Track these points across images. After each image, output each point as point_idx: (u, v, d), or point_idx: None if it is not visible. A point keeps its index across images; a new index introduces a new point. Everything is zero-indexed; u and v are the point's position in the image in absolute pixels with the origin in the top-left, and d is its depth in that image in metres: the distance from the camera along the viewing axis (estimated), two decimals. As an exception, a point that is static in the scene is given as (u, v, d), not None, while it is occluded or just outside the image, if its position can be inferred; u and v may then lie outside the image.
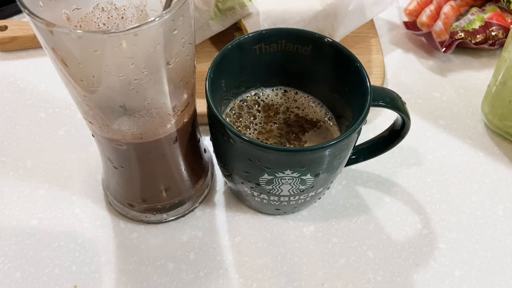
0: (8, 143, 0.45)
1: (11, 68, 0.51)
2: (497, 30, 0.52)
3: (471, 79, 0.52)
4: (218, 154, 0.37)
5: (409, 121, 0.36)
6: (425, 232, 0.40)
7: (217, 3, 0.45)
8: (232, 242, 0.39)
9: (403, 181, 0.43)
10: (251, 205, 0.40)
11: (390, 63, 0.53)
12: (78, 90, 0.27)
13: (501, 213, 0.42)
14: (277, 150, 0.31)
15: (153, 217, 0.39)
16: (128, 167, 0.35)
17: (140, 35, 0.23)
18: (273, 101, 0.40)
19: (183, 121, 0.33)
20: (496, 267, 0.38)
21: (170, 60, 0.26)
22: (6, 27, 0.51)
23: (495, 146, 0.46)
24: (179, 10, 0.24)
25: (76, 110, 0.47)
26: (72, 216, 0.40)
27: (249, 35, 0.36)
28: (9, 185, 0.42)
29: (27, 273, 0.37)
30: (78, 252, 0.38)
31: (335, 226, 0.40)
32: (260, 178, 0.33)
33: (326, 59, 0.37)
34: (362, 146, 0.40)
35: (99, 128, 0.30)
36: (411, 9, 0.56)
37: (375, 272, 0.38)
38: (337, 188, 0.43)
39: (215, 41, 0.51)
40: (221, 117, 0.31)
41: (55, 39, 0.23)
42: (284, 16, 0.45)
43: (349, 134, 0.31)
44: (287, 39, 0.37)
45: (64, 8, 0.28)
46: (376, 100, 0.34)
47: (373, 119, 0.48)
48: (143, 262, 0.38)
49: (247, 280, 0.37)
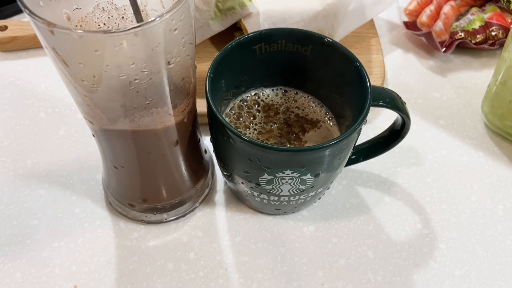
0: (8, 143, 0.44)
1: (11, 68, 0.51)
2: (497, 30, 0.52)
3: (471, 79, 0.52)
4: (218, 154, 0.37)
5: (409, 121, 0.36)
6: (425, 232, 0.40)
7: (217, 3, 0.45)
8: (232, 242, 0.39)
9: (403, 181, 0.43)
10: (251, 205, 0.40)
11: (390, 63, 0.53)
12: (79, 90, 0.27)
13: (501, 213, 0.42)
14: (277, 150, 0.31)
15: (153, 217, 0.39)
16: (128, 167, 0.35)
17: (140, 35, 0.23)
18: (273, 101, 0.40)
19: (184, 121, 0.33)
20: (496, 267, 0.39)
21: (170, 60, 0.26)
22: (6, 27, 0.51)
23: (495, 146, 0.46)
24: (179, 10, 0.24)
25: (76, 110, 0.47)
26: (72, 216, 0.40)
27: (249, 35, 0.36)
28: (9, 185, 0.42)
29: (27, 273, 0.37)
30: (78, 252, 0.38)
31: (335, 226, 0.40)
32: (260, 178, 0.33)
33: (326, 59, 0.37)
34: (362, 146, 0.40)
35: (100, 127, 0.30)
36: (411, 9, 0.56)
37: (375, 272, 0.38)
38: (337, 188, 0.43)
39: (215, 41, 0.51)
40: (221, 117, 0.31)
41: (56, 39, 0.23)
42: (284, 16, 0.45)
43: (349, 134, 0.31)
44: (287, 39, 0.37)
45: (64, 8, 0.28)
46: (376, 100, 0.34)
47: (373, 119, 0.48)
48: (143, 262, 0.38)
49: (247, 280, 0.37)
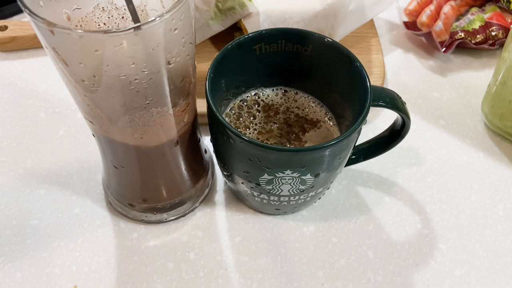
0: (8, 143, 0.44)
1: (11, 68, 0.51)
2: (497, 30, 0.52)
3: (471, 79, 0.52)
4: (218, 154, 0.37)
5: (409, 121, 0.36)
6: (425, 232, 0.40)
7: (217, 3, 0.45)
8: (232, 242, 0.39)
9: (403, 181, 0.43)
10: (251, 205, 0.40)
11: (390, 63, 0.53)
12: (79, 90, 0.27)
13: (501, 213, 0.42)
14: (277, 150, 0.31)
15: (153, 217, 0.39)
16: (128, 167, 0.35)
17: (140, 34, 0.23)
18: (273, 101, 0.40)
19: (184, 121, 0.33)
20: (496, 267, 0.39)
21: (170, 59, 0.26)
22: (6, 27, 0.51)
23: (495, 146, 0.46)
24: (179, 10, 0.24)
25: (76, 110, 0.47)
26: (72, 216, 0.40)
27: (249, 35, 0.36)
28: (9, 185, 0.42)
29: (27, 273, 0.37)
30: (78, 252, 0.38)
31: (335, 226, 0.40)
32: (260, 178, 0.33)
33: (326, 59, 0.37)
34: (362, 146, 0.40)
35: (100, 127, 0.30)
36: (411, 9, 0.56)
37: (375, 272, 0.38)
38: (337, 188, 0.43)
39: (215, 41, 0.51)
40: (221, 117, 0.31)
41: (56, 39, 0.23)
42: (284, 16, 0.45)
43: (349, 134, 0.31)
44: (287, 39, 0.37)
45: (64, 8, 0.28)
46: (376, 100, 0.34)
47: (373, 119, 0.48)
48: (143, 262, 0.38)
49: (247, 280, 0.37)
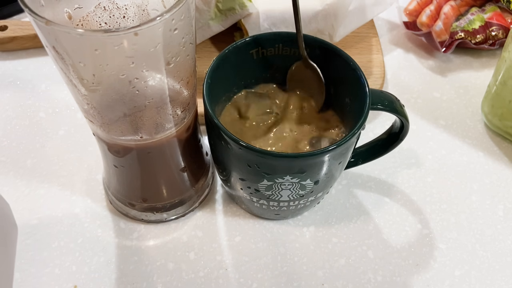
0: (8, 143, 0.44)
1: (11, 68, 0.51)
2: (497, 30, 0.52)
3: (471, 79, 0.52)
4: (216, 160, 0.37)
5: (408, 123, 0.36)
6: (425, 232, 0.40)
7: (217, 4, 0.45)
8: (232, 242, 0.39)
9: (403, 181, 0.43)
10: (250, 211, 0.40)
11: (390, 63, 0.53)
12: (79, 89, 0.27)
13: (501, 213, 0.42)
14: (276, 156, 0.31)
15: (153, 217, 0.39)
16: (128, 166, 0.35)
17: (140, 34, 0.23)
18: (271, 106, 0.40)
19: (184, 121, 0.33)
20: (496, 267, 0.38)
21: (170, 59, 0.26)
22: (6, 27, 0.51)
23: (495, 146, 0.46)
24: (180, 10, 0.24)
25: (76, 110, 0.47)
26: (72, 216, 0.40)
27: (245, 40, 0.36)
28: (9, 185, 0.42)
29: (27, 273, 0.37)
30: (78, 252, 0.38)
31: (335, 226, 0.40)
32: (259, 184, 0.33)
33: (324, 63, 0.36)
34: (360, 149, 0.40)
35: (100, 127, 0.30)
36: (411, 9, 0.56)
37: (375, 272, 0.38)
38: (337, 188, 0.43)
39: (215, 41, 0.51)
40: (219, 123, 0.31)
41: (56, 38, 0.23)
42: (284, 16, 0.45)
43: (348, 139, 0.31)
44: (284, 43, 0.36)
45: (65, 7, 0.28)
46: (375, 104, 0.34)
47: (373, 119, 0.48)
48: (143, 262, 0.38)
49: (247, 280, 0.37)
